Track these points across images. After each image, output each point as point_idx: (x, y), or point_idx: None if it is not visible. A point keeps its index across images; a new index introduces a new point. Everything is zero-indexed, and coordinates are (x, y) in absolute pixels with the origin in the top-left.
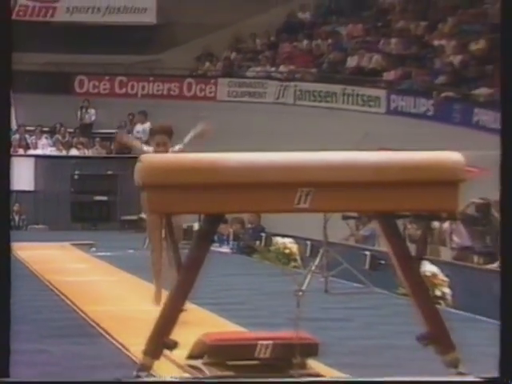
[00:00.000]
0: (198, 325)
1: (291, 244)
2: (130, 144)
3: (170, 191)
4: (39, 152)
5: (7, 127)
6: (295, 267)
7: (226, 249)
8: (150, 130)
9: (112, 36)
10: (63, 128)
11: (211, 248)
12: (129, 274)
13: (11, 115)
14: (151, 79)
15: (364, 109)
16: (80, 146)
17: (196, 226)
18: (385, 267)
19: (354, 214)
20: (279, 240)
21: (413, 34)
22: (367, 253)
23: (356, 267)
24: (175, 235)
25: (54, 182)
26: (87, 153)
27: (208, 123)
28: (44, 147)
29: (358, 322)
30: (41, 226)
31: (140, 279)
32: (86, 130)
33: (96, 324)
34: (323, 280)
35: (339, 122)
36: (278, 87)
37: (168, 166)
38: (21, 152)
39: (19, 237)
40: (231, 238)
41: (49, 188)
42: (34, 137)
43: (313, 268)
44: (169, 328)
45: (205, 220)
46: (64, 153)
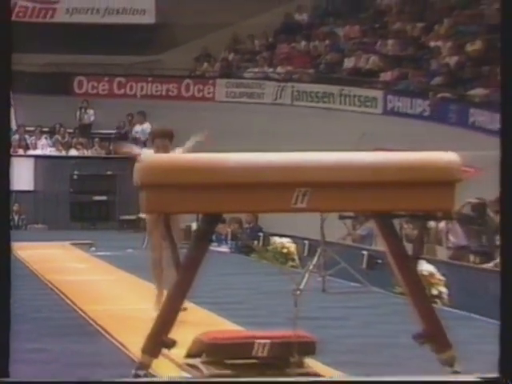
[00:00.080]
0: (197, 324)
1: (289, 243)
2: (130, 152)
3: (169, 191)
4: (39, 152)
5: (7, 127)
6: (293, 266)
7: (225, 248)
8: (151, 134)
9: (111, 37)
10: (63, 128)
11: (209, 247)
12: (128, 274)
13: (11, 116)
14: (150, 80)
15: (361, 109)
16: (79, 147)
17: (194, 226)
18: (382, 266)
19: (351, 214)
20: (277, 239)
21: (409, 36)
22: (364, 252)
23: (353, 266)
24: (174, 235)
25: (54, 182)
26: (86, 153)
27: (208, 131)
28: (43, 147)
29: (356, 321)
30: (40, 226)
31: (139, 278)
32: (86, 131)
33: (95, 323)
34: (321, 279)
35: (336, 123)
36: (276, 88)
37: (166, 166)
38: (20, 152)
39: (19, 236)
40: (229, 238)
41: (48, 188)
42: (34, 137)
43: (310, 267)
44: (167, 327)
45: (203, 220)
46: (63, 153)
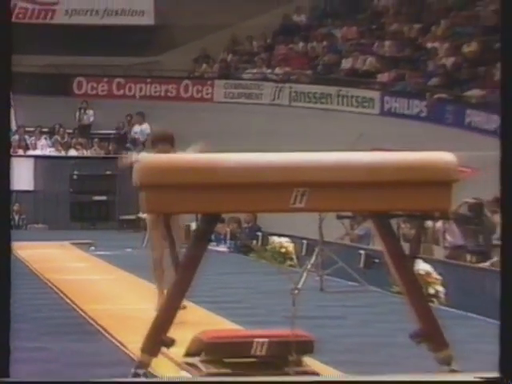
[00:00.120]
0: (195, 323)
1: (287, 243)
2: (131, 162)
3: (168, 191)
4: (39, 152)
5: (7, 128)
6: (291, 266)
7: (223, 248)
8: (152, 138)
9: (110, 38)
10: (62, 129)
11: (208, 247)
12: (127, 273)
13: (11, 116)
14: (149, 81)
15: (358, 110)
16: (79, 147)
17: (193, 226)
18: (379, 266)
19: (349, 214)
20: (275, 239)
21: (406, 37)
22: (362, 252)
23: (351, 266)
24: (175, 235)
25: (54, 182)
26: (86, 153)
27: (207, 143)
28: (43, 148)
29: (353, 320)
30: (40, 226)
31: (138, 278)
32: (85, 131)
33: (95, 322)
34: (319, 278)
35: (334, 123)
36: (274, 89)
37: (165, 167)
38: (20, 152)
39: (19, 236)
40: (228, 238)
41: (48, 188)
42: (34, 137)
43: (308, 267)
44: (166, 326)
45: (202, 219)
46: (63, 153)
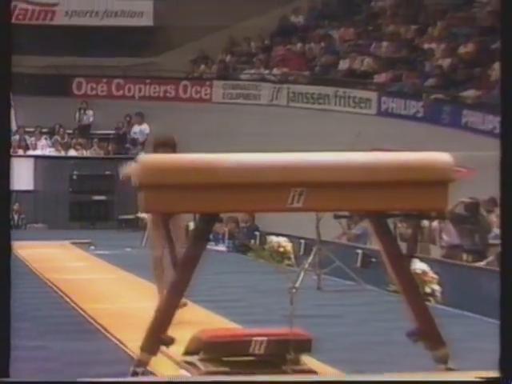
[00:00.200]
0: (194, 321)
1: (285, 242)
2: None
3: (166, 191)
4: (38, 152)
5: (7, 128)
6: (289, 265)
7: (222, 247)
8: (153, 143)
9: (110, 39)
10: (62, 129)
11: (207, 246)
12: (126, 272)
13: (11, 117)
14: (148, 81)
15: (356, 110)
16: (78, 147)
17: (192, 226)
18: (376, 265)
19: (346, 213)
20: (273, 239)
21: (403, 38)
22: (359, 251)
23: (348, 265)
24: (176, 235)
25: (53, 182)
26: (85, 153)
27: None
28: (43, 148)
29: (351, 319)
30: (40, 225)
31: (137, 277)
32: (85, 131)
33: (94, 321)
34: (316, 278)
35: (331, 124)
36: (272, 89)
37: (164, 167)
38: (20, 152)
39: (19, 235)
40: (226, 237)
41: (48, 188)
42: (34, 138)
43: (306, 266)
44: (165, 325)
45: (200, 219)
46: (63, 153)
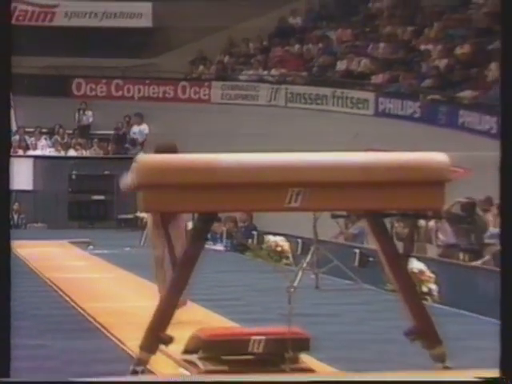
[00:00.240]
0: (193, 320)
1: (283, 242)
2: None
3: (165, 191)
4: (38, 153)
5: (7, 128)
6: (287, 264)
7: (220, 247)
8: (154, 150)
9: (109, 40)
10: (62, 129)
11: (205, 246)
12: (125, 271)
13: (11, 117)
14: (147, 82)
15: (353, 111)
16: (78, 147)
17: (190, 225)
18: (373, 264)
19: (344, 213)
20: (271, 238)
21: (400, 39)
22: (356, 250)
23: (346, 264)
24: (178, 235)
25: (53, 182)
26: (85, 153)
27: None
28: (43, 148)
29: (348, 318)
30: (40, 225)
31: (136, 276)
32: (84, 132)
33: (94, 320)
34: (314, 277)
35: (329, 124)
36: (270, 90)
37: (162, 166)
38: (20, 153)
39: (19, 235)
40: (224, 237)
41: (47, 188)
42: (34, 138)
43: (304, 265)
44: (164, 323)
45: (199, 219)
46: (62, 153)
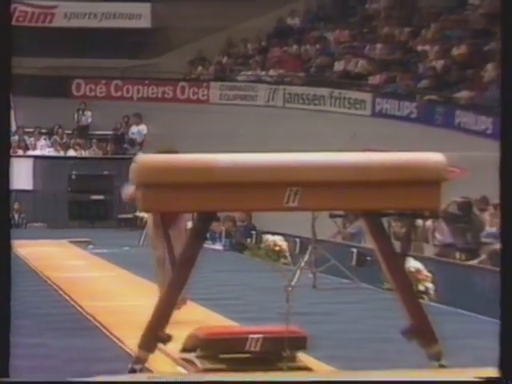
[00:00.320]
0: (191, 319)
1: (281, 241)
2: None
3: (164, 190)
4: (38, 153)
5: (7, 129)
6: (285, 264)
7: (219, 246)
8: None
9: (108, 41)
10: (61, 130)
11: (204, 245)
12: (125, 271)
13: (11, 117)
14: (146, 83)
15: (350, 111)
16: (77, 147)
17: (189, 225)
18: (371, 263)
19: (341, 213)
20: (269, 237)
21: (397, 40)
22: (354, 250)
23: (343, 263)
24: (175, 237)
25: (52, 182)
26: (84, 153)
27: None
28: (42, 148)
29: (346, 316)
30: (39, 224)
31: (135, 275)
32: (83, 132)
33: (93, 318)
34: (312, 276)
35: (327, 124)
36: (268, 90)
37: (161, 166)
38: (20, 153)
39: (19, 234)
40: (223, 236)
41: (47, 187)
42: (33, 138)
43: (302, 264)
44: (163, 322)
45: (198, 218)
46: (62, 153)
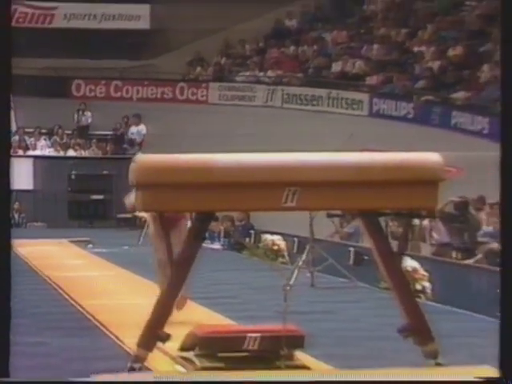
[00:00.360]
0: (190, 318)
1: (279, 241)
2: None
3: (163, 190)
4: (38, 153)
5: (7, 129)
6: (283, 263)
7: (217, 245)
8: None
9: (108, 42)
10: (61, 130)
11: (203, 245)
12: (124, 270)
13: (11, 117)
14: (145, 83)
15: (348, 112)
16: (77, 147)
17: (188, 224)
18: (368, 262)
19: (339, 212)
20: (268, 237)
21: (394, 41)
22: (351, 249)
23: (341, 263)
24: (176, 239)
25: (52, 182)
26: (84, 153)
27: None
28: (42, 148)
29: (343, 315)
30: (39, 224)
31: (135, 274)
32: (83, 132)
33: (93, 317)
34: (309, 275)
35: (324, 124)
36: (266, 91)
37: (160, 166)
38: (20, 153)
39: (19, 234)
40: (222, 235)
41: (47, 187)
42: (33, 138)
43: (300, 263)
44: (162, 321)
45: (196, 218)
46: (62, 153)
